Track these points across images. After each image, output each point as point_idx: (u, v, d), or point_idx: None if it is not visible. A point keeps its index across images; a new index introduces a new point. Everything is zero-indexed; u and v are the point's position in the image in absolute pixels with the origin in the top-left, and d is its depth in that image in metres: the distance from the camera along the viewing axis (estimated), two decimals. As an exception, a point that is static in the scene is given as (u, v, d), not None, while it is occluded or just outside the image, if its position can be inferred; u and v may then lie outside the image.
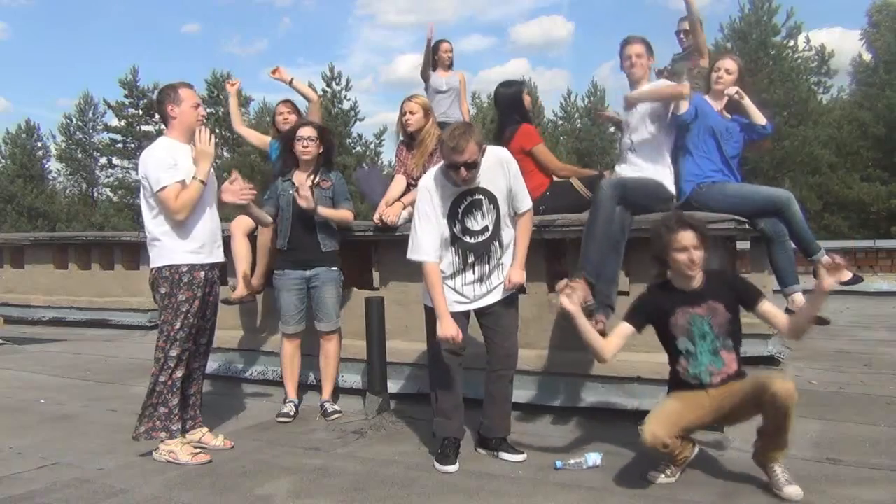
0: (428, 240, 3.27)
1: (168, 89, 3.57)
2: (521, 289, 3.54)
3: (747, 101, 4.10)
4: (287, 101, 5.16)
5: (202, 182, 3.45)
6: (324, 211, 4.15)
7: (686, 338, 2.97)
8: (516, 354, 3.48)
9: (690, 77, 4.10)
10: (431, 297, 3.28)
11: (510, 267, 3.38)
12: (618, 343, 3.05)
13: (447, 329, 3.19)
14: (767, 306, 2.98)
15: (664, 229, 2.97)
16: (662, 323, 3.03)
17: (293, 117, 4.97)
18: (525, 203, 3.39)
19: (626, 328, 3.06)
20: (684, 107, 3.91)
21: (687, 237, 2.90)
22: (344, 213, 4.27)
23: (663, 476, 2.96)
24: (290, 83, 5.26)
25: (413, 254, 3.30)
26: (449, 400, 3.37)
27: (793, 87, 23.47)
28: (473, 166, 3.20)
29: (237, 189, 3.63)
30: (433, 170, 3.43)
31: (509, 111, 4.70)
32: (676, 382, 3.05)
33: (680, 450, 2.92)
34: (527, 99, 4.71)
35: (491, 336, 3.43)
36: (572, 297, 2.97)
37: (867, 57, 27.52)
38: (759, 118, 4.10)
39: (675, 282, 3.02)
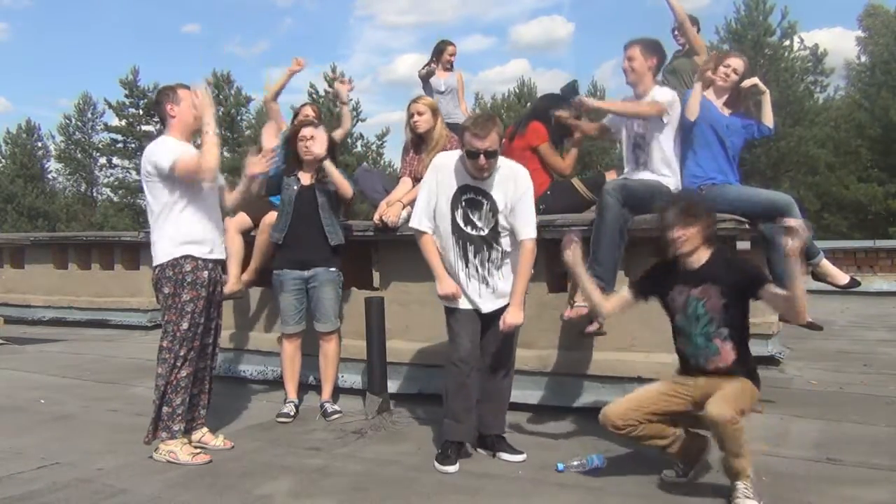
0: (424, 209, 3.36)
1: (166, 89, 3.59)
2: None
3: (767, 98, 4.12)
4: (309, 105, 5.16)
5: (216, 133, 3.46)
6: (329, 165, 4.18)
7: (683, 316, 2.96)
8: (510, 351, 3.46)
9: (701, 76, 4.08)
10: (428, 262, 3.36)
11: (507, 307, 3.33)
12: (616, 303, 3.18)
13: (446, 287, 3.30)
14: (771, 289, 2.86)
15: (658, 210, 3.08)
16: (662, 298, 3.06)
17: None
18: (525, 231, 3.30)
19: (625, 293, 3.17)
20: (694, 114, 3.91)
21: (670, 215, 2.91)
22: (346, 183, 4.24)
23: (674, 474, 2.96)
24: (342, 102, 5.35)
25: (411, 221, 3.44)
26: (461, 403, 3.33)
27: (787, 87, 23.44)
28: (493, 155, 3.21)
29: (259, 158, 3.75)
30: (453, 151, 3.45)
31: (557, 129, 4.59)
32: (680, 359, 3.05)
33: (658, 437, 2.89)
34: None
35: (486, 334, 3.42)
36: (575, 251, 3.09)
37: (860, 59, 27.62)
38: (769, 119, 4.12)
39: (680, 259, 2.98)
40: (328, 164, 4.17)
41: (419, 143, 4.51)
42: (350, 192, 4.29)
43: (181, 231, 3.46)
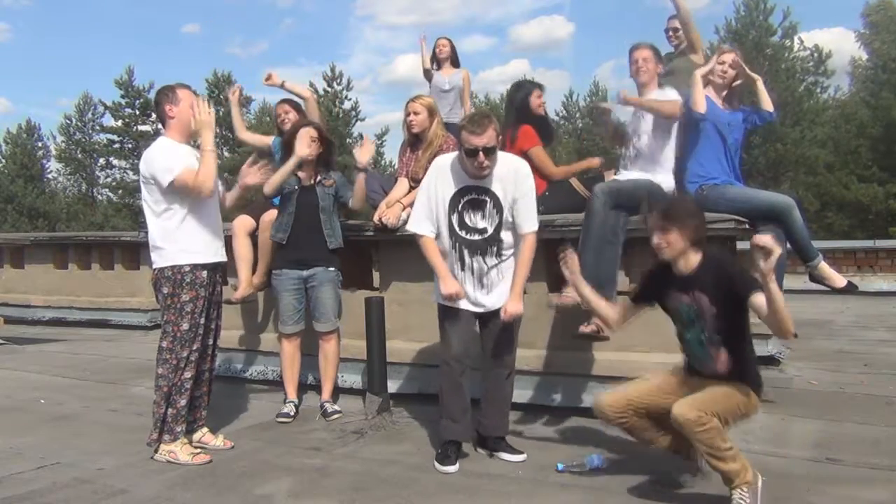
0: (423, 212, 3.35)
1: (166, 90, 3.59)
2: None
3: (760, 85, 4.16)
4: (285, 101, 5.16)
5: (213, 150, 3.48)
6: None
7: (678, 322, 2.96)
8: (512, 352, 3.46)
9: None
10: (431, 263, 3.33)
11: (507, 297, 3.31)
12: (621, 313, 3.16)
13: (450, 286, 3.26)
14: (759, 299, 2.64)
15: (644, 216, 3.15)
16: (660, 304, 3.05)
17: (292, 115, 4.97)
18: (528, 225, 3.30)
19: (626, 302, 3.19)
20: (702, 106, 3.94)
21: (651, 219, 2.91)
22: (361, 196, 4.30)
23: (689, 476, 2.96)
24: (282, 86, 5.27)
25: (409, 224, 3.41)
26: (456, 402, 3.34)
27: (784, 88, 23.38)
28: (491, 152, 3.20)
29: (254, 169, 3.85)
30: (452, 154, 3.43)
31: (516, 114, 4.67)
32: (685, 360, 3.03)
33: (647, 430, 2.94)
34: (535, 101, 4.68)
35: (487, 334, 3.42)
36: (571, 262, 3.13)
37: (864, 57, 27.60)
38: (768, 104, 4.15)
39: (673, 264, 2.90)
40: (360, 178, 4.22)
41: (415, 142, 4.51)
42: (360, 203, 4.32)
43: (183, 238, 3.45)
